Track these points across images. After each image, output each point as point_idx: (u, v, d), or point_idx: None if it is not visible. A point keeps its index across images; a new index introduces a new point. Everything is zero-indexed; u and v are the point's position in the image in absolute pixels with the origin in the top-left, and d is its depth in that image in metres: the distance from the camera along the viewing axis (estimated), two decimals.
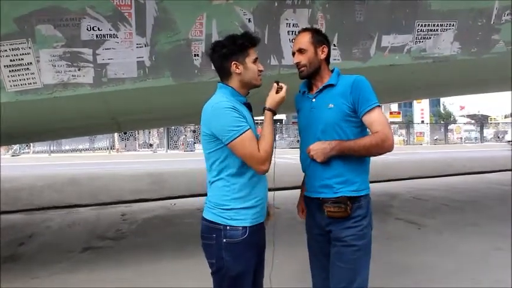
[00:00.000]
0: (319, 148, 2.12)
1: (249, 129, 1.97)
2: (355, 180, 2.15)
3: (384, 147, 2.10)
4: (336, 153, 2.10)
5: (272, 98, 2.13)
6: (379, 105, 2.14)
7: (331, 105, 2.16)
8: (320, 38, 2.27)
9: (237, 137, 1.94)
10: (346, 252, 2.13)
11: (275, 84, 2.15)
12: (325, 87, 2.23)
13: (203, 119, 2.05)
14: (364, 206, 2.17)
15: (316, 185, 2.20)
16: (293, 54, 2.30)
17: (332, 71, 2.29)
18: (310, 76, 2.28)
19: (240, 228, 2.02)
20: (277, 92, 2.14)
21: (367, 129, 2.18)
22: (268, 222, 2.21)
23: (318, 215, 2.22)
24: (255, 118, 2.19)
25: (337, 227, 2.15)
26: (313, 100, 2.25)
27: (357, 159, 2.15)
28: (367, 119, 2.12)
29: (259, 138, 2.06)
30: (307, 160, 2.25)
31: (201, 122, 2.07)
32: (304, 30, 2.31)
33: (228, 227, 2.01)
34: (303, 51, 2.23)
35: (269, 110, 2.11)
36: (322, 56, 2.26)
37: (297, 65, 2.26)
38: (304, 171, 2.33)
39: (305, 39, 2.24)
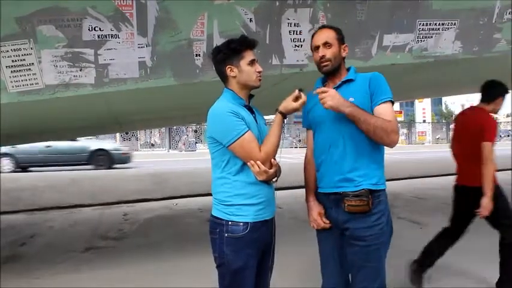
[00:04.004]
0: (335, 96, 2.08)
1: (247, 131, 2.04)
2: (374, 173, 2.15)
3: (389, 137, 2.09)
4: (348, 113, 2.06)
5: (287, 103, 2.14)
6: (392, 101, 2.15)
7: (351, 99, 2.14)
8: (342, 37, 2.28)
9: (236, 140, 2.03)
10: (369, 252, 2.13)
11: (296, 91, 2.14)
12: (343, 82, 2.22)
13: (207, 123, 2.14)
14: (383, 201, 2.17)
15: (335, 179, 2.16)
16: (315, 48, 2.25)
17: (348, 69, 2.30)
18: (332, 72, 2.25)
19: (241, 223, 2.07)
20: (295, 100, 2.14)
21: None
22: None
23: (335, 210, 2.19)
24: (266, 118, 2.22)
25: (357, 224, 2.13)
26: None
27: (374, 154, 2.15)
28: (379, 109, 2.13)
29: (264, 138, 2.12)
30: (321, 156, 2.24)
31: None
32: (327, 27, 2.29)
33: (229, 222, 2.08)
34: (328, 45, 2.21)
35: (280, 113, 2.15)
36: (344, 54, 2.27)
37: (321, 58, 2.22)
38: (317, 168, 2.30)
39: (331, 35, 2.23)
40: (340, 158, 2.15)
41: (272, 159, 2.09)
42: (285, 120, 2.21)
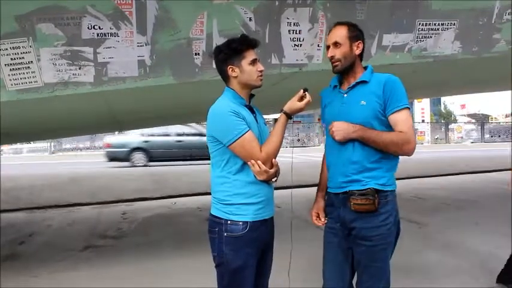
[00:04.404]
0: (341, 127, 2.11)
1: (248, 131, 2.04)
2: (383, 175, 2.14)
3: (403, 149, 2.10)
4: (357, 138, 2.09)
5: (292, 103, 2.16)
6: (408, 108, 2.13)
7: (363, 102, 2.13)
8: (356, 33, 2.22)
9: (236, 139, 2.02)
10: (374, 252, 2.14)
11: (301, 91, 2.14)
12: (358, 83, 2.20)
13: (207, 123, 2.14)
14: (391, 201, 2.17)
15: (343, 180, 2.17)
16: (327, 47, 2.24)
17: (365, 68, 2.26)
18: (344, 71, 2.24)
19: (241, 223, 2.07)
20: (300, 100, 2.14)
21: None
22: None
23: (343, 209, 2.19)
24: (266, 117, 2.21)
25: (364, 224, 2.12)
26: (345, 95, 2.22)
27: (384, 155, 2.14)
28: (394, 118, 2.11)
29: (267, 138, 2.13)
30: (331, 156, 2.25)
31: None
32: (340, 23, 2.25)
33: (229, 222, 2.08)
34: (338, 45, 2.18)
35: (285, 113, 2.15)
36: (357, 52, 2.22)
37: (331, 59, 2.22)
38: (327, 168, 2.31)
39: (341, 33, 2.20)
40: (349, 159, 2.14)
41: (273, 159, 2.09)
42: (292, 120, 2.20)
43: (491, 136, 33.95)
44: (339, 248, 2.26)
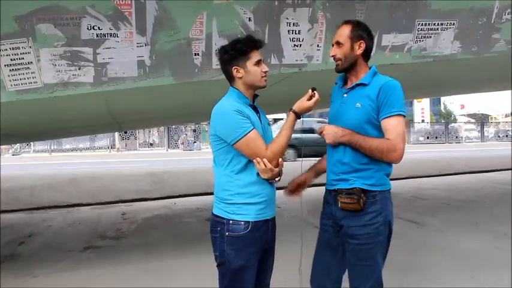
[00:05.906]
0: (331, 130, 2.14)
1: (252, 129, 2.04)
2: (373, 175, 2.14)
3: (388, 156, 2.09)
4: (345, 142, 2.11)
5: (301, 103, 2.16)
6: (401, 115, 2.10)
7: (358, 105, 2.13)
8: (359, 33, 2.19)
9: (241, 138, 2.02)
10: (361, 250, 2.14)
11: (310, 91, 2.16)
12: (357, 85, 2.20)
13: (211, 121, 2.14)
14: (380, 201, 2.15)
15: (334, 178, 2.20)
16: (332, 46, 2.25)
17: (370, 68, 2.25)
18: (345, 70, 2.24)
19: (242, 222, 2.07)
20: (309, 99, 2.16)
21: None
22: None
23: (334, 207, 2.21)
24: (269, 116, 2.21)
25: (351, 222, 2.14)
26: (345, 95, 2.24)
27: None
28: (384, 124, 2.10)
29: (274, 137, 2.14)
30: (327, 154, 2.28)
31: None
32: (346, 22, 2.23)
33: (230, 221, 2.08)
34: (340, 44, 2.19)
35: (294, 112, 2.15)
36: (359, 52, 2.19)
37: (333, 58, 2.23)
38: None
39: (344, 33, 2.19)
40: (340, 158, 2.16)
41: (279, 158, 2.09)
42: (301, 119, 2.21)
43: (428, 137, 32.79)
44: (329, 245, 2.28)
